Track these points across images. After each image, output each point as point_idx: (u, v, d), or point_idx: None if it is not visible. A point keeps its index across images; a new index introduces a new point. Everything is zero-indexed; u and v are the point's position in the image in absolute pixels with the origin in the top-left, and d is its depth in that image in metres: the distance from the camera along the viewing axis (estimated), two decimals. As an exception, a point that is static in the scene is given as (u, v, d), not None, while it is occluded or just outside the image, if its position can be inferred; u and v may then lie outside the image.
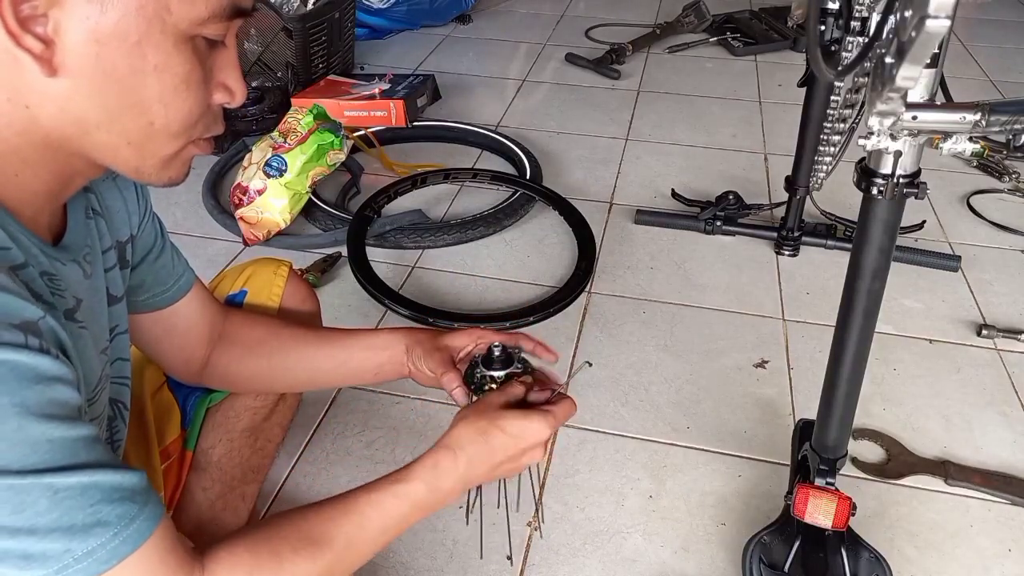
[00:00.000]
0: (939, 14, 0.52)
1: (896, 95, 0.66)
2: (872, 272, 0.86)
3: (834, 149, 1.14)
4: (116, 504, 0.52)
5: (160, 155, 0.59)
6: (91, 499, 0.51)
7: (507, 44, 3.07)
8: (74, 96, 0.53)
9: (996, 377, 1.47)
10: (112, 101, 0.54)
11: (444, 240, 1.80)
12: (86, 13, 0.50)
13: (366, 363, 0.93)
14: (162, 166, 0.60)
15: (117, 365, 0.74)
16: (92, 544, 0.51)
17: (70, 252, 0.63)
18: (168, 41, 0.53)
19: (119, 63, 0.52)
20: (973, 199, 2.02)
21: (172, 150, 0.59)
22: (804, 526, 1.00)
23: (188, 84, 0.56)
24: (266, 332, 0.94)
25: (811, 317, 1.61)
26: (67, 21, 0.50)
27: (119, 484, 0.53)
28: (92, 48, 0.51)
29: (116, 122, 0.55)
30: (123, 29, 0.51)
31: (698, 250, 1.82)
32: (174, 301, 0.84)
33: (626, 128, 2.41)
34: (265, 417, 1.08)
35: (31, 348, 0.49)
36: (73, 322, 0.61)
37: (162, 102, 0.55)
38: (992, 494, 1.23)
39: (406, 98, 2.25)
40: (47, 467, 0.49)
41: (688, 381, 1.45)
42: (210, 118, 0.60)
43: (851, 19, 0.80)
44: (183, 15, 0.53)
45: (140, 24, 0.52)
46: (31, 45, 0.50)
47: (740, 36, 3.06)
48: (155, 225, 0.82)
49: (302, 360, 0.93)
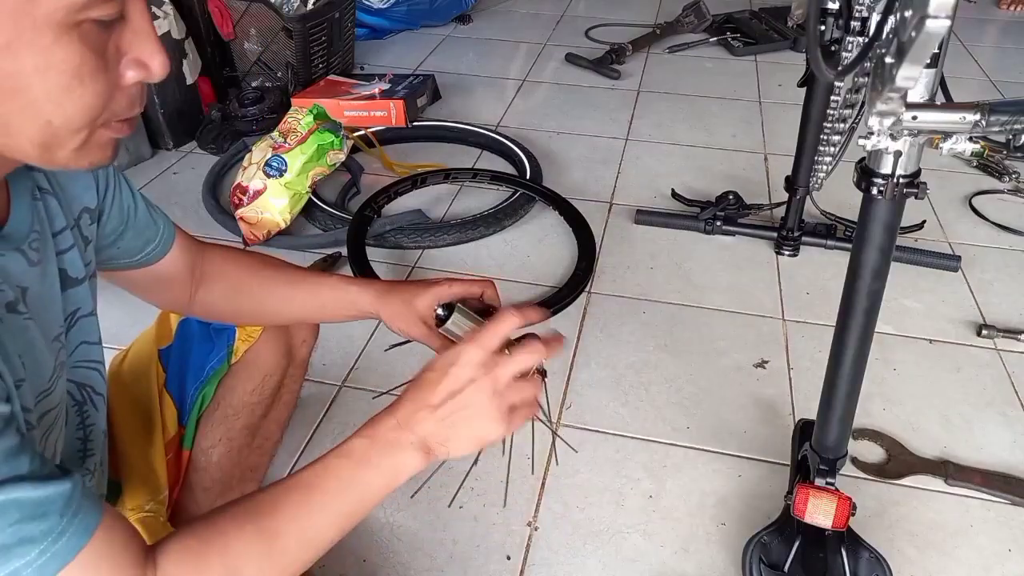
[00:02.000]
0: (939, 14, 0.52)
1: (896, 95, 0.66)
2: (872, 272, 0.86)
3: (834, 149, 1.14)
4: (40, 520, 0.49)
5: (68, 148, 0.53)
6: (10, 518, 0.48)
7: (507, 44, 3.07)
8: None
9: (996, 377, 1.47)
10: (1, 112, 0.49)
11: (444, 240, 1.80)
12: None
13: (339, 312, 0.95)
14: (76, 156, 0.54)
15: (82, 349, 0.73)
16: (15, 565, 0.48)
17: (10, 241, 0.60)
18: (44, 36, 0.46)
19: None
20: (974, 199, 2.02)
21: (80, 142, 0.53)
22: (804, 526, 1.00)
23: (80, 78, 0.49)
24: (247, 273, 0.96)
25: (811, 317, 1.61)
26: None
27: (43, 498, 0.49)
28: None
29: (11, 126, 0.50)
30: None
31: (698, 250, 1.82)
32: (161, 257, 0.85)
33: (626, 128, 2.41)
34: (262, 415, 1.08)
35: None
36: (15, 314, 0.58)
37: (53, 101, 0.49)
38: (992, 494, 1.23)
39: (406, 98, 2.25)
40: None
41: (688, 381, 1.45)
42: (123, 100, 0.54)
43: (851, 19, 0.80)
44: (54, 4, 0.46)
45: (3, 23, 0.45)
46: None
47: (740, 36, 3.06)
48: (125, 188, 0.79)
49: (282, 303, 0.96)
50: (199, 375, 1.04)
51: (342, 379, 1.42)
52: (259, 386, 1.08)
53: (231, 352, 1.05)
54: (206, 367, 1.04)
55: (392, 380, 1.41)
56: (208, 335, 1.06)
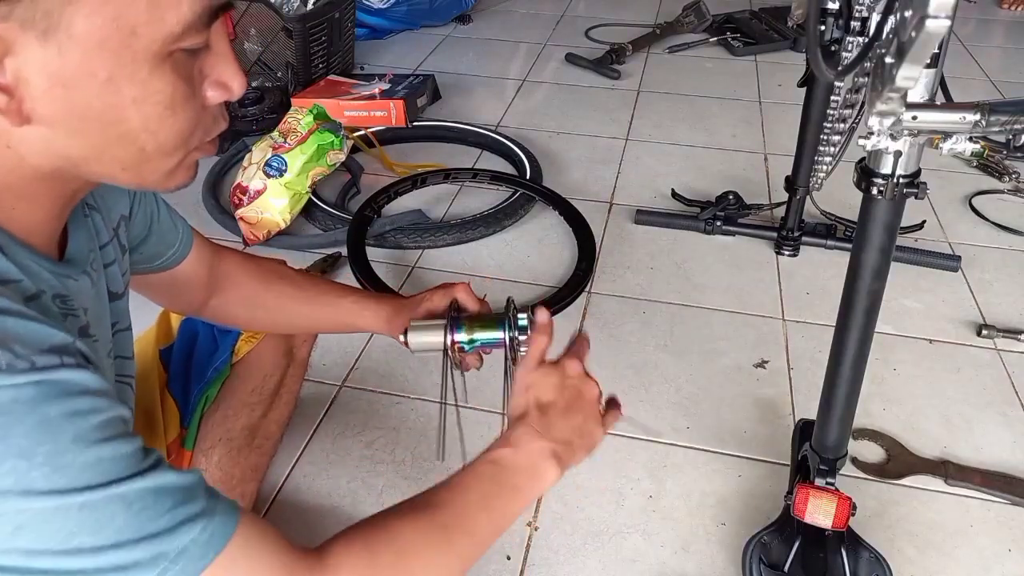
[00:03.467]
0: (939, 14, 0.52)
1: (896, 95, 0.66)
2: (872, 272, 0.86)
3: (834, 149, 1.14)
4: (192, 503, 0.51)
5: (160, 172, 0.56)
6: (166, 504, 0.50)
7: (507, 44, 3.07)
8: (54, 138, 0.50)
9: (996, 377, 1.47)
10: (95, 138, 0.50)
11: (444, 240, 1.80)
12: (43, 58, 0.45)
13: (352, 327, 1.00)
14: (165, 179, 0.56)
15: (118, 363, 0.74)
16: (184, 541, 0.50)
17: (77, 264, 0.62)
18: (142, 69, 0.48)
19: (92, 103, 0.48)
20: (974, 199, 2.02)
21: (171, 165, 0.56)
22: (804, 526, 1.00)
23: (173, 106, 0.51)
24: (263, 285, 0.98)
25: (811, 317, 1.61)
26: (26, 68, 0.46)
27: (188, 483, 0.52)
28: (59, 92, 0.47)
29: (105, 154, 0.52)
30: (88, 68, 0.46)
31: (698, 250, 1.82)
32: (179, 262, 0.86)
33: (626, 128, 2.41)
34: (263, 414, 1.08)
35: (68, 366, 0.48)
36: (87, 338, 0.60)
37: (149, 130, 0.51)
38: (992, 494, 1.23)
39: (406, 98, 2.25)
40: (112, 479, 0.48)
41: (688, 381, 1.45)
42: (208, 121, 0.56)
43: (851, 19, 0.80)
44: (153, 37, 0.47)
45: (106, 59, 0.47)
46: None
47: (740, 36, 3.06)
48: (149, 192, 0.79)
49: (295, 316, 1.00)
50: (203, 376, 1.04)
51: (342, 379, 1.42)
52: (259, 386, 1.08)
53: (234, 352, 1.06)
54: (210, 368, 1.04)
55: (392, 380, 1.41)
56: (212, 336, 1.06)
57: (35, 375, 0.46)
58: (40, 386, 0.46)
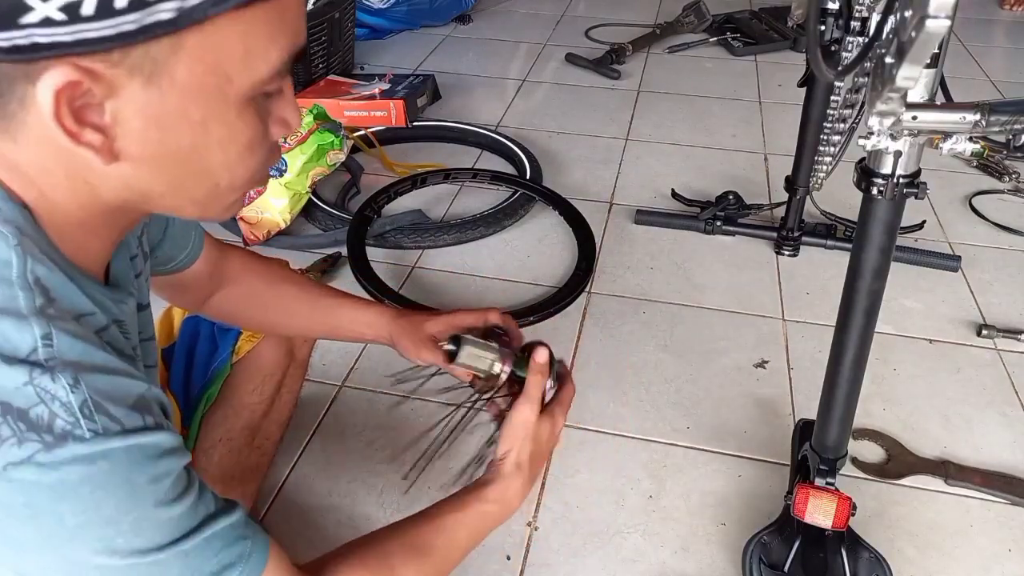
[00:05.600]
0: (939, 14, 0.52)
1: (896, 95, 0.66)
2: (872, 272, 0.86)
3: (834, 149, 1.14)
4: (234, 545, 0.56)
5: (224, 205, 0.58)
6: (214, 549, 0.55)
7: (507, 44, 3.07)
8: (136, 175, 0.51)
9: (996, 377, 1.47)
10: (175, 174, 0.52)
11: (444, 240, 1.80)
12: (145, 100, 0.47)
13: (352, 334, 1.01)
14: (226, 211, 0.59)
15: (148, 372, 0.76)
16: None
17: (122, 286, 0.63)
18: (231, 112, 0.51)
19: (182, 142, 0.50)
20: (974, 199, 2.02)
21: (235, 199, 0.58)
22: (804, 526, 1.00)
23: (252, 146, 0.54)
24: (265, 285, 0.99)
25: (811, 317, 1.61)
26: (125, 109, 0.47)
27: (231, 525, 0.56)
28: (153, 133, 0.49)
29: (180, 189, 0.54)
30: (184, 111, 0.49)
31: (698, 250, 1.82)
32: (192, 263, 0.87)
33: (626, 128, 2.41)
34: (263, 415, 1.08)
35: (150, 428, 0.51)
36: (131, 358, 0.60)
37: (228, 168, 0.54)
38: (992, 494, 1.23)
39: (406, 98, 2.25)
40: (179, 536, 0.53)
41: (688, 381, 1.45)
42: (273, 157, 0.59)
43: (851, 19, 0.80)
44: (245, 83, 0.50)
45: (201, 103, 0.49)
46: (90, 140, 0.47)
47: (740, 36, 3.06)
48: None
49: (296, 319, 1.01)
50: (203, 375, 1.04)
51: (342, 379, 1.42)
52: (259, 386, 1.08)
53: (235, 351, 1.06)
54: (211, 367, 1.04)
55: (391, 382, 1.41)
56: (212, 335, 1.06)
57: (126, 439, 0.49)
58: (130, 452, 0.49)
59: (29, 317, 0.48)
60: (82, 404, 0.48)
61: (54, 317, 0.50)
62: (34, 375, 0.47)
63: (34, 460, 0.46)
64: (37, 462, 0.46)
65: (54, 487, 0.47)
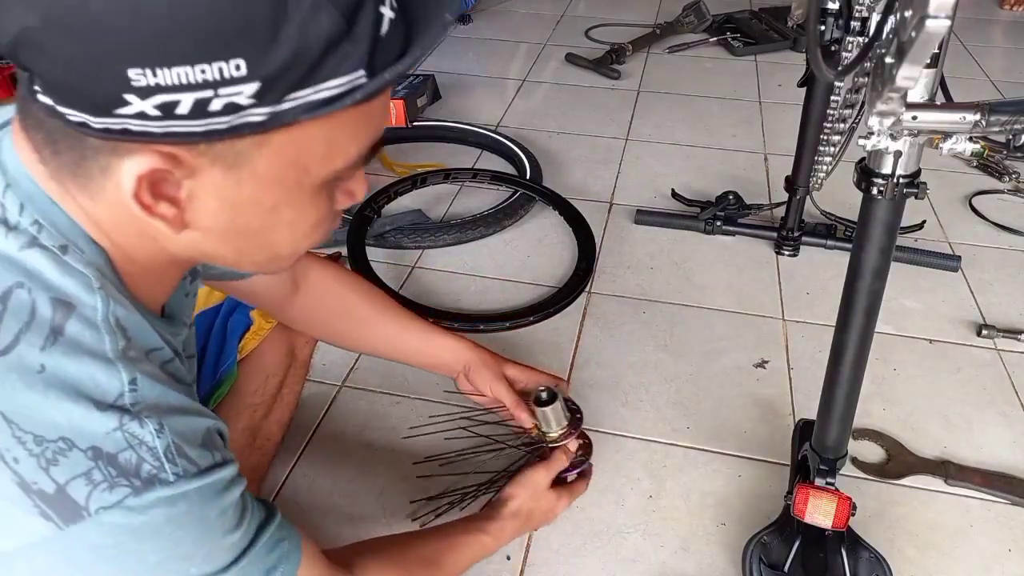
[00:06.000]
0: (939, 14, 0.52)
1: (896, 95, 0.66)
2: (872, 272, 0.86)
3: (834, 149, 1.14)
4: (276, 548, 0.61)
5: (281, 267, 0.62)
6: (262, 556, 0.60)
7: (507, 44, 3.07)
8: (203, 242, 0.53)
9: (996, 377, 1.47)
10: (242, 246, 0.55)
11: (444, 240, 1.80)
12: (222, 184, 0.48)
13: (427, 360, 1.10)
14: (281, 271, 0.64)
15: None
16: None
17: (177, 319, 0.65)
18: (304, 198, 0.52)
19: (252, 223, 0.52)
20: (974, 199, 2.02)
21: (292, 263, 0.61)
22: (804, 526, 1.00)
23: (319, 224, 0.56)
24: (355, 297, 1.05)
25: (811, 317, 1.61)
26: (202, 189, 0.49)
27: (273, 531, 0.61)
28: (225, 213, 0.51)
29: (244, 256, 0.56)
30: (258, 197, 0.50)
31: (698, 250, 1.82)
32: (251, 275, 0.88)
33: (626, 128, 2.41)
34: (264, 415, 1.08)
35: (218, 465, 0.55)
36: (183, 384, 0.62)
37: (292, 243, 0.56)
38: (992, 494, 1.23)
39: (406, 98, 2.25)
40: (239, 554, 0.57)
41: (688, 381, 1.45)
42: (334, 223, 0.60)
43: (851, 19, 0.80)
44: (321, 174, 0.51)
45: (277, 191, 0.51)
46: (163, 212, 0.49)
47: (740, 36, 3.05)
48: None
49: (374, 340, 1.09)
50: (213, 375, 1.04)
51: (342, 379, 1.42)
52: (261, 386, 1.08)
53: (239, 349, 1.05)
54: (220, 368, 1.04)
55: (392, 382, 1.41)
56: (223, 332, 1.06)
57: (200, 480, 0.53)
58: (202, 491, 0.53)
59: (116, 362, 0.51)
60: (166, 449, 0.51)
61: (136, 360, 0.52)
62: (124, 421, 0.49)
63: (124, 504, 0.49)
64: (127, 506, 0.49)
65: (140, 529, 0.50)
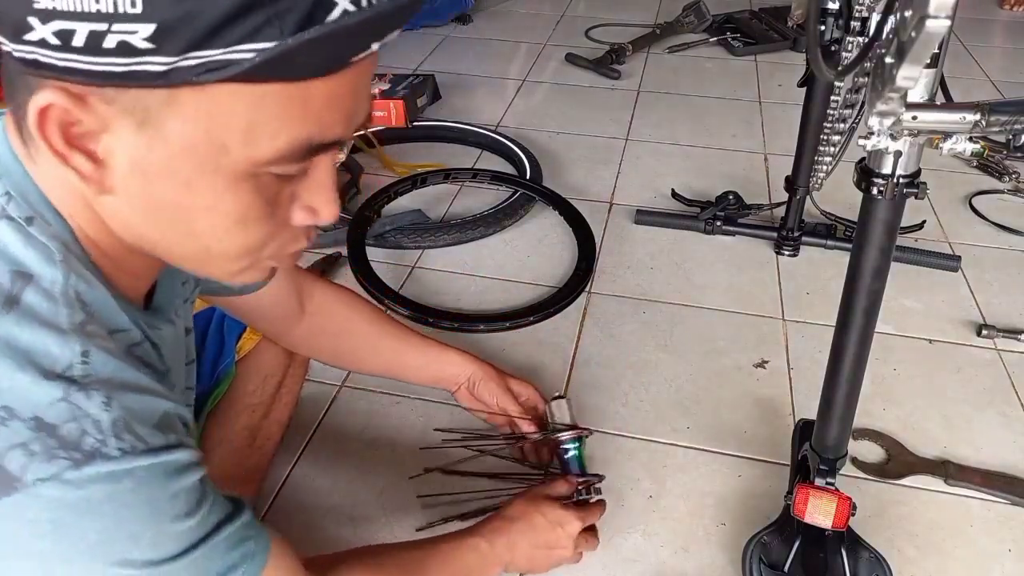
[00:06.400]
0: (939, 14, 0.52)
1: (896, 95, 0.66)
2: (872, 272, 0.86)
3: (834, 149, 1.14)
4: (238, 546, 0.59)
5: (223, 270, 0.57)
6: (221, 552, 0.57)
7: (507, 44, 3.07)
8: (130, 215, 0.52)
9: (996, 377, 1.47)
10: (164, 227, 0.52)
11: (444, 240, 1.80)
12: (134, 144, 0.47)
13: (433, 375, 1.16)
14: (231, 276, 0.58)
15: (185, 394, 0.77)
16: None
17: (163, 312, 0.64)
18: (221, 182, 0.49)
19: (167, 197, 0.50)
20: (974, 199, 2.02)
21: (238, 268, 0.57)
22: (804, 526, 1.00)
23: (243, 222, 0.52)
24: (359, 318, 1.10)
25: (811, 317, 1.61)
26: (116, 147, 0.48)
27: (237, 528, 0.59)
28: (138, 179, 0.49)
29: (173, 244, 0.54)
30: (170, 167, 0.48)
31: (698, 250, 1.82)
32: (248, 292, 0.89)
33: (626, 128, 2.41)
34: (263, 415, 1.08)
35: (172, 446, 0.53)
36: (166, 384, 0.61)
37: (215, 237, 0.53)
38: (992, 494, 1.23)
39: (406, 98, 2.25)
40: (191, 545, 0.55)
41: (688, 381, 1.45)
42: (287, 238, 0.57)
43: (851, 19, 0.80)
44: (241, 157, 0.48)
45: (189, 164, 0.48)
46: (78, 164, 0.48)
47: (740, 36, 3.05)
48: None
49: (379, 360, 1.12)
50: (211, 375, 1.04)
51: (342, 379, 1.42)
52: (260, 386, 1.08)
53: (237, 350, 1.06)
54: (218, 368, 1.04)
55: (392, 382, 1.40)
56: (221, 332, 1.06)
57: (149, 458, 0.51)
58: (151, 470, 0.51)
59: (70, 333, 0.50)
60: (113, 423, 0.49)
61: (93, 335, 0.51)
62: (70, 392, 0.48)
63: (62, 477, 0.47)
64: (65, 479, 0.47)
65: (78, 504, 0.48)
